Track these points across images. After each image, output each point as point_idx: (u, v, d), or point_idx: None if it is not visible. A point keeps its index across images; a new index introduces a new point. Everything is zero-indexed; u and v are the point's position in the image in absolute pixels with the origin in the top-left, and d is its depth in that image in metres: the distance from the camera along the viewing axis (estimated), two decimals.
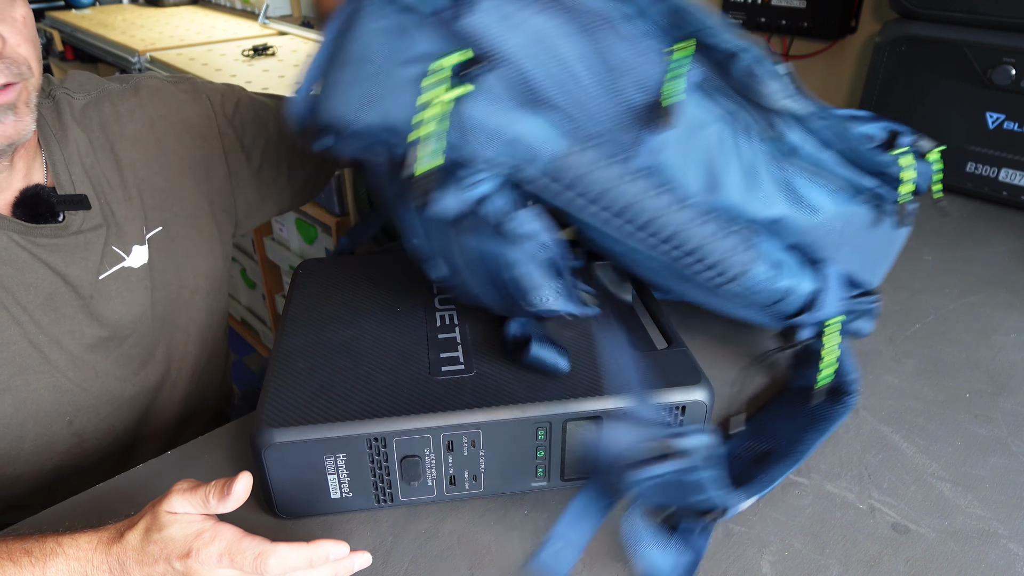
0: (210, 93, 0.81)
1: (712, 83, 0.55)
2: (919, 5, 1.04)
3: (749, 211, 0.56)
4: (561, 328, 0.62)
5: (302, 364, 0.59)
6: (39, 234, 0.67)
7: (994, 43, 0.97)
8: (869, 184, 0.61)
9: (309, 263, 0.75)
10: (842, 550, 0.54)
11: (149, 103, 0.76)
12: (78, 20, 2.56)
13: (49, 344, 0.69)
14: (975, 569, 0.52)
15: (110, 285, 0.72)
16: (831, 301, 0.62)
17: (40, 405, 0.70)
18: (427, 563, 0.53)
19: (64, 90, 0.73)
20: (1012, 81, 0.97)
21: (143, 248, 0.74)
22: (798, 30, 1.51)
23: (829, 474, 0.61)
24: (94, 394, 0.73)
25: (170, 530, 0.46)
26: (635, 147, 0.50)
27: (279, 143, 0.85)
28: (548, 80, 0.48)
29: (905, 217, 0.62)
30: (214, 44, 2.19)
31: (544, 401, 0.54)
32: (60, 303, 0.69)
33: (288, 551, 0.46)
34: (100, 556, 0.47)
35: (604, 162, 0.50)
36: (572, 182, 0.50)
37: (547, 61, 0.48)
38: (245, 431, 0.65)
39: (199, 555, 0.45)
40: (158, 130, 0.76)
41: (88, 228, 0.70)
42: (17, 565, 0.46)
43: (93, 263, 0.70)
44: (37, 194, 0.67)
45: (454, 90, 0.46)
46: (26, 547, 0.47)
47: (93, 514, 0.52)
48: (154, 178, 0.75)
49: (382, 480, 0.55)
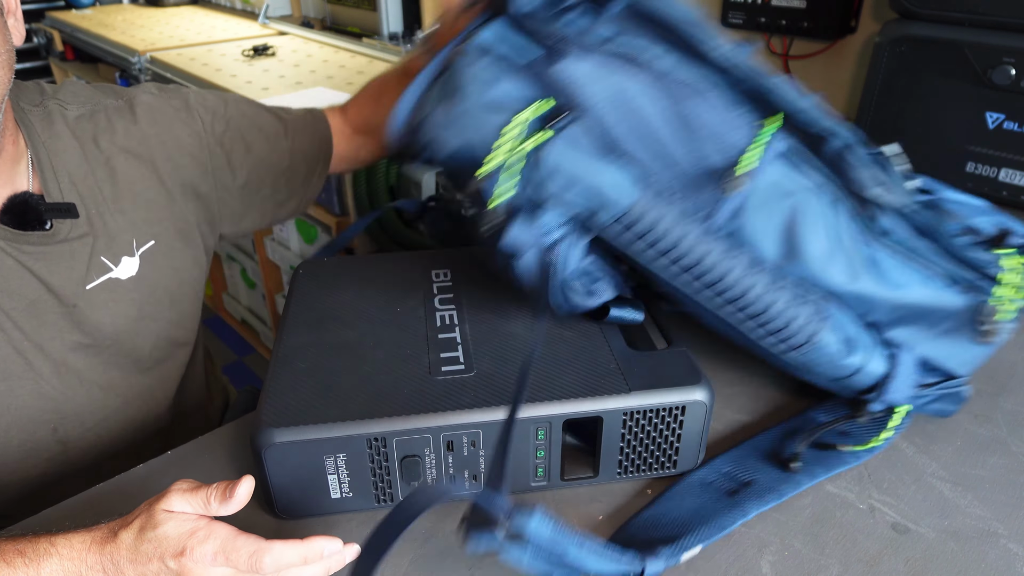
0: (202, 111, 0.81)
1: (800, 155, 0.55)
2: (919, 5, 1.04)
3: (827, 281, 0.55)
4: (561, 328, 0.63)
5: (302, 364, 0.59)
6: (25, 241, 0.67)
7: (994, 43, 0.97)
8: (968, 276, 0.57)
9: (309, 263, 0.75)
10: (842, 550, 0.54)
11: (143, 120, 0.76)
12: (78, 20, 2.56)
13: (33, 350, 0.69)
14: (975, 569, 0.52)
15: (97, 295, 0.72)
16: (900, 388, 0.59)
17: (24, 412, 0.70)
18: (427, 563, 0.53)
19: (56, 101, 0.73)
20: (1012, 81, 0.97)
21: (133, 260, 0.74)
22: (798, 30, 1.51)
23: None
24: (78, 403, 0.73)
25: (164, 528, 0.46)
26: (711, 207, 0.53)
27: (265, 162, 0.85)
28: (628, 134, 0.51)
29: (993, 331, 0.57)
30: (214, 44, 2.19)
31: (544, 401, 0.54)
32: (43, 310, 0.69)
33: (283, 548, 0.46)
34: (94, 556, 0.47)
35: (678, 218, 0.53)
36: (643, 233, 0.53)
37: (629, 116, 0.51)
38: (245, 431, 0.65)
39: (193, 553, 0.45)
40: (151, 146, 0.76)
41: (75, 237, 0.70)
42: (10, 566, 0.46)
43: (79, 272, 0.70)
44: (25, 201, 0.66)
45: (535, 136, 0.50)
46: (19, 548, 0.47)
47: (89, 515, 0.52)
48: (147, 192, 0.75)
49: (382, 480, 0.55)
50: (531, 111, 0.50)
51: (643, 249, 0.54)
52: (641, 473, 0.59)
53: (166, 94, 0.80)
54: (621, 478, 0.59)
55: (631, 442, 0.57)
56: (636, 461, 0.58)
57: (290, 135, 0.87)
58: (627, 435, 0.56)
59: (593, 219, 0.53)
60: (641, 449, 0.57)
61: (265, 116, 0.87)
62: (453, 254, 0.76)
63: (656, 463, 0.59)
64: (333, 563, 0.49)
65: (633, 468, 0.58)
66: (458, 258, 0.75)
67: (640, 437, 0.57)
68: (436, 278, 0.71)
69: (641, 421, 0.56)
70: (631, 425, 0.56)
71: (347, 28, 2.31)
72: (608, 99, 0.51)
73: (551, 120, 0.50)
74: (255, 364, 2.23)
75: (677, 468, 0.59)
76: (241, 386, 0.96)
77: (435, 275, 0.72)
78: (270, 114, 0.88)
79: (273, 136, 0.86)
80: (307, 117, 0.90)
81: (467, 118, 0.51)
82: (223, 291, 2.37)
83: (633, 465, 0.58)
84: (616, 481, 0.59)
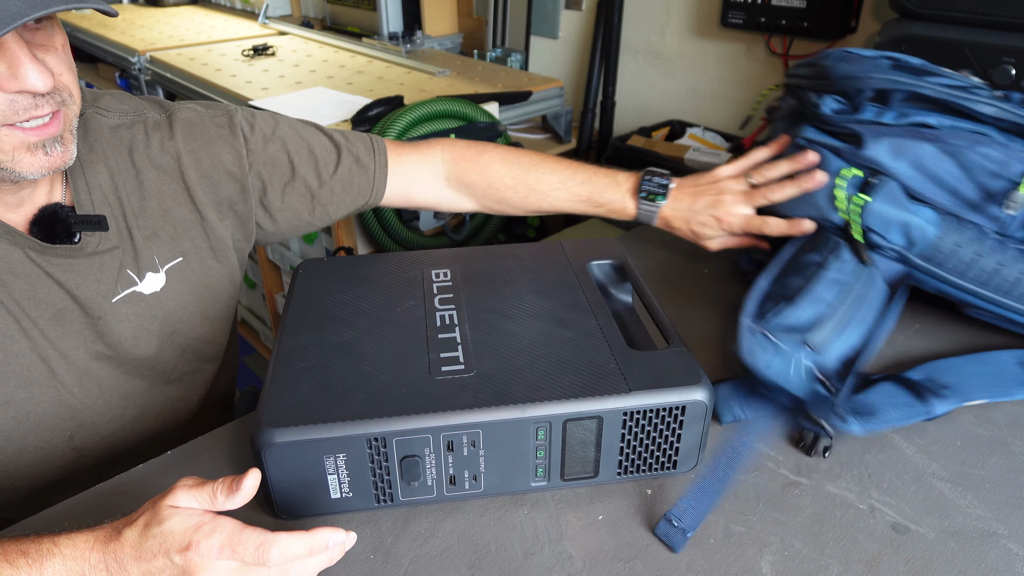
0: (247, 129, 0.78)
1: None
2: (919, 5, 1.04)
3: None
4: (561, 328, 0.63)
5: (302, 364, 0.59)
6: (54, 253, 0.66)
7: (994, 43, 0.97)
8: None
9: (309, 263, 0.75)
10: (842, 550, 0.54)
11: (181, 137, 0.74)
12: (78, 20, 2.56)
13: (57, 358, 0.68)
14: (975, 569, 0.52)
15: (121, 308, 0.71)
16: None
17: (42, 419, 0.69)
18: (427, 563, 0.53)
19: (96, 109, 0.72)
20: (1012, 81, 0.97)
21: (158, 276, 0.74)
22: (798, 30, 1.51)
23: (829, 474, 0.61)
24: (96, 411, 0.73)
25: (170, 523, 0.46)
26: (1000, 224, 0.69)
27: (303, 179, 0.82)
28: (924, 185, 0.70)
29: None
30: (214, 44, 2.19)
31: (544, 401, 0.54)
32: (68, 319, 0.68)
33: (290, 540, 0.46)
34: (97, 555, 0.47)
35: (975, 237, 0.70)
36: (943, 260, 0.71)
37: (922, 172, 0.70)
38: (245, 431, 0.65)
39: (199, 547, 0.45)
40: (185, 164, 0.74)
41: (104, 249, 0.69)
42: (13, 566, 0.46)
43: (107, 285, 0.70)
44: (55, 213, 0.66)
45: (860, 195, 0.71)
46: (22, 548, 0.47)
47: (92, 514, 0.52)
48: (178, 209, 0.74)
49: (382, 480, 0.55)
50: (848, 178, 0.72)
51: (951, 266, 0.71)
52: (641, 473, 0.59)
53: (210, 111, 0.78)
54: (621, 478, 0.59)
55: (631, 442, 0.57)
56: (636, 461, 0.58)
57: (343, 162, 0.83)
58: (627, 435, 0.56)
59: (909, 253, 0.72)
60: (641, 449, 0.57)
61: (318, 139, 0.83)
62: (453, 254, 0.76)
63: (656, 463, 0.59)
64: (335, 552, 0.49)
65: (633, 468, 0.58)
66: (458, 258, 0.75)
67: (640, 437, 0.57)
68: (436, 278, 0.71)
69: (641, 421, 0.56)
70: (631, 425, 0.56)
71: (347, 28, 2.31)
72: (905, 164, 0.70)
73: (867, 185, 0.71)
74: (255, 364, 2.23)
75: (677, 468, 0.59)
76: (241, 386, 0.96)
77: (435, 275, 0.72)
78: (325, 136, 0.84)
79: (323, 161, 0.82)
80: (365, 143, 0.86)
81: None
82: None
83: (633, 465, 0.58)
84: (616, 481, 0.59)
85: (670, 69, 1.91)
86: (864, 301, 0.69)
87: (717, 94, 1.83)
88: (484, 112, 1.52)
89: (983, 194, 0.69)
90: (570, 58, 2.14)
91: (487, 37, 2.24)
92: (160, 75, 1.98)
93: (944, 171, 0.70)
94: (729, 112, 1.82)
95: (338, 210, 0.85)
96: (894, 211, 0.70)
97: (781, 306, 0.67)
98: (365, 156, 0.85)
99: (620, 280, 0.76)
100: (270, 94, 1.65)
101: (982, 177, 0.69)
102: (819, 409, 0.61)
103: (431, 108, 1.44)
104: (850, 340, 0.67)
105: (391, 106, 1.46)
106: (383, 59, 2.00)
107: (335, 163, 0.83)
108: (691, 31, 1.82)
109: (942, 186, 0.70)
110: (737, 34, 1.72)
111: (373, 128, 1.41)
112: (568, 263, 0.73)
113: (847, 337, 0.67)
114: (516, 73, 1.92)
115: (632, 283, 0.72)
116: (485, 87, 1.74)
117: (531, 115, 1.77)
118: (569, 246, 0.77)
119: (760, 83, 1.73)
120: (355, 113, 1.45)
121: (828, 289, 0.68)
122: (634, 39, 1.95)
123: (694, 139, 1.80)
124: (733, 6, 1.59)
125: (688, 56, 1.85)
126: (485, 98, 1.61)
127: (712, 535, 0.55)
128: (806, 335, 0.65)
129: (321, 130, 0.85)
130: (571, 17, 2.08)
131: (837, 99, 0.76)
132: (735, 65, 1.76)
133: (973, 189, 0.70)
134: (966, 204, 0.70)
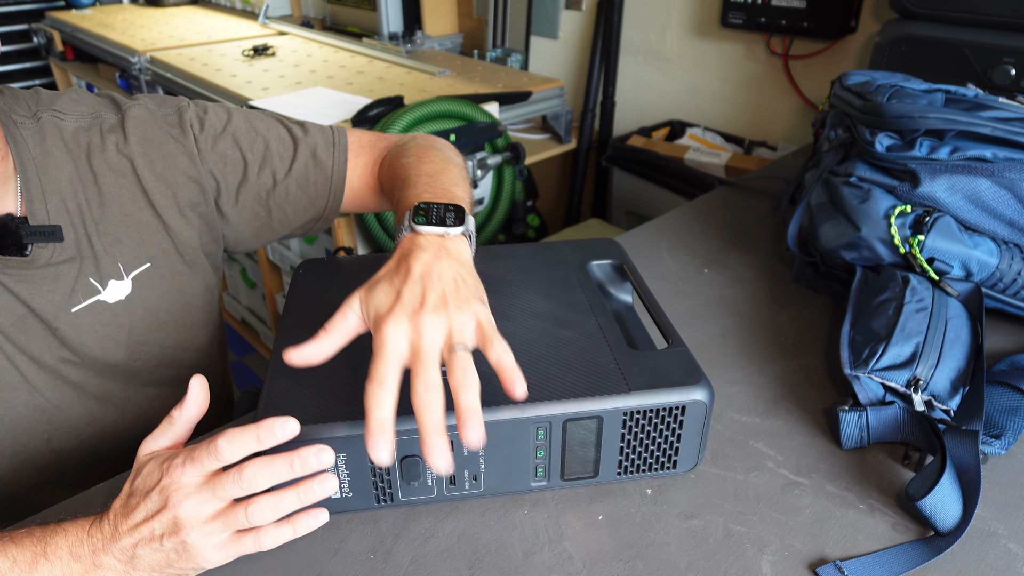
0: (196, 127, 0.74)
1: None
2: (919, 5, 1.04)
3: None
4: (561, 328, 0.63)
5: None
6: (6, 264, 0.64)
7: (994, 43, 0.97)
8: None
9: (309, 263, 0.75)
10: (842, 550, 0.54)
11: (135, 140, 0.70)
12: (78, 20, 2.56)
13: (26, 362, 0.68)
14: (975, 569, 0.52)
15: (83, 318, 0.69)
16: None
17: (18, 422, 0.69)
18: (427, 563, 0.53)
19: (53, 112, 0.68)
20: (1012, 81, 0.97)
21: (122, 284, 0.71)
22: (798, 30, 1.51)
23: (829, 474, 0.61)
24: (73, 414, 0.72)
25: (148, 467, 0.50)
26: None
27: (257, 177, 0.77)
28: (980, 218, 0.73)
29: None
30: (214, 44, 2.19)
31: (544, 401, 0.54)
32: (29, 326, 0.67)
33: (234, 430, 0.49)
34: (96, 535, 0.50)
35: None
36: (1005, 288, 0.75)
37: (977, 206, 0.73)
38: None
39: (169, 473, 0.49)
40: (140, 167, 0.70)
41: (59, 261, 0.66)
42: (19, 545, 0.49)
43: (62, 296, 0.68)
44: (5, 225, 0.63)
45: (918, 234, 0.74)
46: (28, 529, 0.50)
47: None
48: (139, 214, 0.71)
49: (382, 480, 0.55)
50: (904, 216, 0.75)
51: (1013, 291, 0.75)
52: (641, 473, 0.59)
53: (162, 109, 0.73)
54: (621, 478, 0.59)
55: (631, 442, 0.57)
56: (636, 461, 0.58)
57: (299, 158, 0.77)
58: (627, 435, 0.56)
59: (971, 280, 0.75)
60: (641, 449, 0.57)
61: (276, 132, 0.77)
62: None
63: (656, 463, 0.59)
64: (299, 466, 0.50)
65: (633, 468, 0.58)
66: None
67: (640, 437, 0.57)
68: None
69: (641, 421, 0.56)
70: (631, 425, 0.56)
71: (347, 28, 2.31)
72: (961, 199, 0.73)
73: (923, 222, 0.74)
74: (255, 364, 2.23)
75: (677, 468, 0.59)
76: (241, 386, 0.95)
77: None
78: (284, 129, 0.78)
79: (279, 157, 0.77)
80: (325, 136, 0.79)
81: (858, 218, 0.78)
82: (223, 291, 2.37)
83: (633, 465, 0.58)
84: (616, 481, 0.59)
85: (670, 69, 1.91)
86: (951, 321, 0.69)
87: (717, 94, 1.83)
88: (484, 112, 1.52)
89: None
90: (570, 58, 2.14)
91: (487, 37, 2.24)
92: (160, 75, 1.99)
93: (1001, 203, 0.72)
94: (729, 112, 1.83)
95: (297, 213, 0.79)
96: (950, 245, 0.73)
97: (878, 347, 0.66)
98: (323, 151, 0.78)
99: (620, 280, 0.76)
100: (270, 94, 1.65)
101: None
102: (962, 445, 0.58)
103: (431, 108, 1.44)
104: (955, 361, 0.66)
105: (391, 106, 1.46)
106: (383, 59, 2.01)
107: (291, 159, 0.77)
108: (691, 31, 1.82)
109: (999, 218, 0.73)
110: (737, 34, 1.72)
111: (373, 128, 1.42)
112: (568, 263, 0.73)
113: (951, 359, 0.66)
114: (516, 73, 1.92)
115: (632, 283, 0.72)
116: (485, 87, 1.74)
117: (531, 115, 1.77)
118: (569, 246, 0.77)
119: (760, 83, 1.73)
120: (355, 113, 1.45)
121: (915, 320, 0.68)
122: (634, 39, 1.95)
123: (694, 139, 1.80)
124: (733, 6, 1.60)
125: (688, 56, 1.85)
126: (485, 98, 1.61)
127: (712, 535, 0.55)
128: (915, 370, 0.64)
129: (281, 122, 0.79)
130: (571, 17, 2.08)
131: (890, 135, 0.77)
132: (735, 65, 1.76)
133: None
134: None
